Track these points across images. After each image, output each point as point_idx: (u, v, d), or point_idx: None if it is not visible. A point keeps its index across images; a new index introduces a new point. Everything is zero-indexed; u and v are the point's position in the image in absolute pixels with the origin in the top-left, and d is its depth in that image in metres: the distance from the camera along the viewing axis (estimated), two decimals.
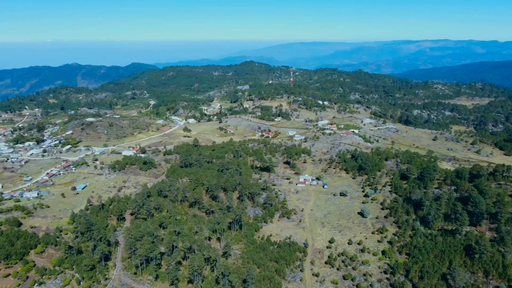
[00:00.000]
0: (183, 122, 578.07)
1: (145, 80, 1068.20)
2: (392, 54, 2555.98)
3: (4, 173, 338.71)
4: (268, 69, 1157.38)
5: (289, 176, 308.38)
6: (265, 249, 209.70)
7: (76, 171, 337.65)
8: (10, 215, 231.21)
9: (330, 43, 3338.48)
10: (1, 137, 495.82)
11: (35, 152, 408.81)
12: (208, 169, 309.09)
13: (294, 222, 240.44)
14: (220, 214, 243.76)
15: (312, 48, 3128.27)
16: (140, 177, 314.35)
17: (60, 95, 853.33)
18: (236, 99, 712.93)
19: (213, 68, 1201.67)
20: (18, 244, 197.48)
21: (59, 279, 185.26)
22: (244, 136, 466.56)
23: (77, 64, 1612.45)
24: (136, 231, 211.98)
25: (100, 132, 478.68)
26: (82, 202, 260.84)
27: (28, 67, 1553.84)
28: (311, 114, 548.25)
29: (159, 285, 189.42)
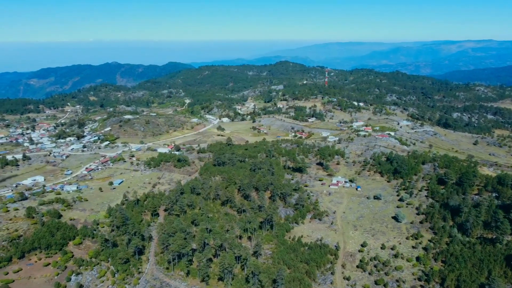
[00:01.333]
0: (217, 121, 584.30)
1: (181, 79, 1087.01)
2: (431, 54, 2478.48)
3: (46, 167, 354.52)
4: (303, 69, 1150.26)
5: (321, 177, 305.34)
6: (295, 250, 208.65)
7: (114, 167, 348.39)
8: (51, 207, 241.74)
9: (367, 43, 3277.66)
10: (45, 132, 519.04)
11: (76, 148, 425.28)
12: (241, 168, 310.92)
13: (325, 224, 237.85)
14: (251, 213, 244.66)
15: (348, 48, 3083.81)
16: (174, 174, 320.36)
17: (100, 93, 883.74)
18: (270, 99, 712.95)
19: (247, 68, 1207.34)
20: (58, 235, 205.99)
21: (95, 271, 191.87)
22: (277, 136, 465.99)
23: (116, 63, 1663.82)
24: (169, 227, 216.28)
25: (137, 129, 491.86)
26: (118, 197, 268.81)
27: (71, 66, 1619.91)
28: (345, 115, 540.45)
29: (190, 281, 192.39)
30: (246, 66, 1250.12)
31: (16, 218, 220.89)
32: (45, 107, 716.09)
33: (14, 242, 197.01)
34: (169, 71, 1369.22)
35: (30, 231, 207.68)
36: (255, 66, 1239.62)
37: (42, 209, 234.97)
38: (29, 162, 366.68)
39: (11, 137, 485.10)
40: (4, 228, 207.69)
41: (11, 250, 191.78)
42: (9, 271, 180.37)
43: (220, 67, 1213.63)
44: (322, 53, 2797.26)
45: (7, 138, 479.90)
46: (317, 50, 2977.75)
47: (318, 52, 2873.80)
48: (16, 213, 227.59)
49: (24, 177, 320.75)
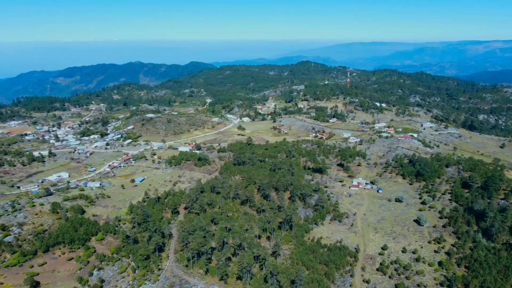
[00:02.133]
0: (238, 121, 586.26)
1: (203, 78, 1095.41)
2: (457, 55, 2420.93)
3: (71, 164, 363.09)
4: (325, 69, 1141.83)
5: (342, 178, 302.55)
6: (315, 251, 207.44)
7: (136, 164, 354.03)
8: (75, 202, 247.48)
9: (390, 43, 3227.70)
10: (70, 129, 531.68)
11: (99, 145, 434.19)
12: (261, 167, 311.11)
13: (345, 225, 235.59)
14: (270, 213, 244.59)
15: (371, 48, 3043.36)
16: (195, 173, 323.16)
17: (123, 92, 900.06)
18: (291, 99, 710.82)
19: (269, 68, 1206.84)
20: (81, 231, 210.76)
21: (116, 266, 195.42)
22: (297, 136, 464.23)
23: (139, 62, 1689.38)
24: (189, 225, 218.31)
25: (158, 127, 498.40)
26: (139, 194, 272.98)
27: (96, 65, 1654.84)
28: (367, 116, 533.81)
29: (209, 279, 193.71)
30: (268, 66, 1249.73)
31: (42, 213, 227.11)
32: (70, 105, 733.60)
33: (39, 236, 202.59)
34: (191, 71, 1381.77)
35: (55, 226, 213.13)
36: (277, 66, 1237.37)
37: (66, 205, 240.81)
38: (55, 158, 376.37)
39: (38, 134, 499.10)
40: (30, 223, 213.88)
41: (36, 244, 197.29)
42: (34, 264, 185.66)
43: (242, 66, 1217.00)
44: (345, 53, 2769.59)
45: (34, 135, 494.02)
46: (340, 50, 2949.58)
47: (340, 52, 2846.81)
48: (41, 208, 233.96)
49: (49, 173, 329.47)
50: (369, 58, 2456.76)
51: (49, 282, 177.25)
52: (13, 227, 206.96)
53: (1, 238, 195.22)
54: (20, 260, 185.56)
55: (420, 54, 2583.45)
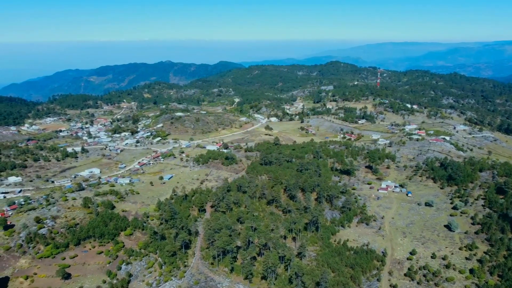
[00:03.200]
0: (265, 120, 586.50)
1: (231, 78, 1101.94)
2: (493, 55, 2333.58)
3: (102, 160, 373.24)
4: (354, 69, 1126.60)
5: (370, 181, 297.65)
6: (341, 254, 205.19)
7: (164, 162, 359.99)
8: (105, 198, 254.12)
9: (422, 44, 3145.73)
10: (102, 127, 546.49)
11: (130, 142, 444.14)
12: (288, 168, 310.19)
13: (373, 229, 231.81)
14: (297, 214, 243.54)
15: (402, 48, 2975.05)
16: (222, 172, 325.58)
17: (153, 90, 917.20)
18: (319, 100, 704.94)
19: (297, 68, 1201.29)
20: (111, 225, 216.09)
21: (144, 261, 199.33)
22: (325, 137, 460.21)
23: (170, 62, 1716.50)
24: (215, 223, 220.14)
25: (187, 126, 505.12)
26: (167, 191, 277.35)
27: (128, 64, 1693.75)
28: (397, 118, 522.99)
29: (234, 278, 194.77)
30: (296, 66, 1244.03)
31: (74, 207, 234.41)
32: (103, 103, 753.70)
33: (71, 230, 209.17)
34: (220, 70, 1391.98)
35: (86, 220, 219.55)
36: (305, 66, 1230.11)
37: (97, 200, 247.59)
38: (87, 155, 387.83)
39: (71, 131, 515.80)
40: (63, 216, 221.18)
41: (68, 237, 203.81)
42: (66, 257, 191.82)
43: (270, 66, 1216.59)
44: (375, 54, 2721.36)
45: (68, 132, 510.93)
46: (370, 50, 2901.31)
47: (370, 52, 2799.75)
48: (74, 202, 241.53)
49: (82, 168, 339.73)
50: (400, 59, 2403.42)
51: (80, 274, 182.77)
52: (47, 220, 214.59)
53: (36, 230, 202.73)
54: (53, 252, 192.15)
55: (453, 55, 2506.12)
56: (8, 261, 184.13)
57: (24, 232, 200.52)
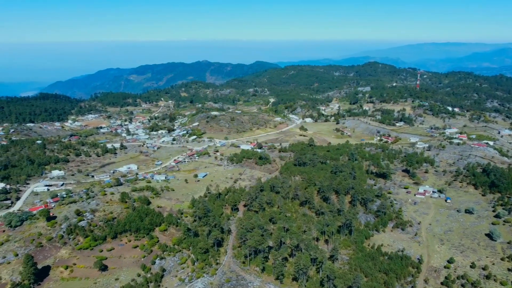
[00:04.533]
0: (300, 121, 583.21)
1: (267, 78, 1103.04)
2: None
3: (140, 157, 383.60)
4: (393, 70, 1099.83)
5: (407, 185, 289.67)
6: (374, 259, 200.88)
7: (199, 160, 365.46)
8: (142, 193, 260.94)
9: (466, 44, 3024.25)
10: (140, 124, 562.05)
11: (166, 140, 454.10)
12: (322, 169, 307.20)
13: (409, 234, 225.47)
14: (330, 216, 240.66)
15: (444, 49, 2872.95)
16: (255, 171, 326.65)
17: (190, 89, 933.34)
18: (356, 101, 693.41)
19: (334, 68, 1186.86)
20: (146, 221, 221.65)
21: (177, 257, 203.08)
22: (361, 139, 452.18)
23: (207, 61, 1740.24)
24: (248, 223, 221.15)
25: (222, 125, 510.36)
26: (202, 189, 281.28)
27: (166, 63, 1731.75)
28: (437, 121, 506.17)
29: (265, 278, 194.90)
30: (333, 67, 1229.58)
31: (112, 201, 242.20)
32: (141, 101, 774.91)
33: (109, 223, 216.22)
34: (256, 70, 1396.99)
35: (123, 214, 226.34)
36: (342, 67, 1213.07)
37: (134, 195, 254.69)
38: (125, 151, 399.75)
39: (111, 128, 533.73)
40: (101, 210, 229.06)
41: (106, 230, 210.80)
42: (104, 249, 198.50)
43: (306, 67, 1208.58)
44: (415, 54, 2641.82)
45: (108, 128, 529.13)
46: (410, 51, 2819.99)
47: (410, 53, 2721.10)
48: (112, 197, 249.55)
49: (120, 164, 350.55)
50: (442, 60, 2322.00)
51: (116, 266, 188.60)
52: (86, 213, 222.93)
53: (76, 222, 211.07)
54: (91, 244, 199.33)
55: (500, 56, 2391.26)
56: (50, 251, 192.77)
57: (65, 224, 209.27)
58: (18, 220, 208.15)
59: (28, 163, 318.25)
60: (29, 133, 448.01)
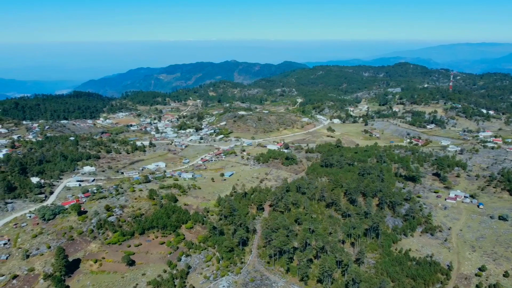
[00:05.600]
0: (328, 122, 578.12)
1: (295, 78, 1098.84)
2: None
3: (168, 154, 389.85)
4: (424, 71, 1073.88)
5: (437, 189, 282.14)
6: (402, 263, 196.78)
7: (226, 159, 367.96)
8: (169, 191, 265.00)
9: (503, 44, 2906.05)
10: (169, 123, 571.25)
11: (194, 139, 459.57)
12: (349, 171, 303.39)
13: (438, 240, 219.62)
14: (356, 219, 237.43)
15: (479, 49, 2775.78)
16: (281, 172, 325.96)
17: (218, 89, 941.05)
18: (385, 102, 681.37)
19: (363, 69, 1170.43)
20: (173, 218, 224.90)
21: (203, 255, 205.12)
22: (390, 141, 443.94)
23: (235, 61, 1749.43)
24: (273, 223, 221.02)
25: (249, 125, 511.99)
26: (228, 188, 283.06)
27: (195, 63, 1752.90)
28: (470, 124, 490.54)
29: (289, 279, 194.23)
30: (362, 67, 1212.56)
31: (140, 198, 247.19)
32: (170, 100, 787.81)
33: (137, 219, 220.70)
34: (284, 70, 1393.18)
35: (151, 211, 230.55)
36: (371, 67, 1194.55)
37: (161, 192, 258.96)
38: (154, 149, 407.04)
39: (141, 126, 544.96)
40: (130, 206, 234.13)
41: (134, 226, 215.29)
42: (131, 244, 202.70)
43: (335, 67, 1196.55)
44: (448, 55, 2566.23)
45: (138, 126, 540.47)
46: (442, 51, 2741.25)
47: (443, 53, 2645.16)
48: (140, 193, 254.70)
49: (149, 162, 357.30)
50: (476, 61, 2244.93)
51: (143, 262, 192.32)
52: (115, 208, 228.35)
53: (106, 217, 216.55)
54: (120, 239, 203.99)
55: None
56: (80, 244, 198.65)
57: (95, 218, 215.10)
58: (51, 213, 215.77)
59: (62, 159, 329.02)
60: (63, 130, 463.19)
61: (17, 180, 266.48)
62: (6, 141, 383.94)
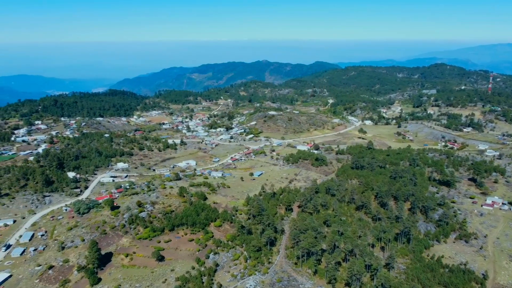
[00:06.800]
0: (359, 123, 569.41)
1: (326, 78, 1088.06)
2: None
3: (198, 153, 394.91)
4: (462, 73, 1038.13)
5: (473, 195, 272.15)
6: (434, 270, 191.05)
7: (255, 159, 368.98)
8: (199, 189, 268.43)
9: None
10: (200, 122, 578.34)
11: (224, 138, 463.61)
12: (380, 174, 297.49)
13: (473, 247, 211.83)
14: (387, 223, 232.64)
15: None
16: (311, 173, 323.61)
17: (249, 89, 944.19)
18: (420, 104, 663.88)
19: (397, 70, 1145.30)
20: (202, 216, 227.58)
21: (230, 253, 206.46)
22: (424, 144, 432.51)
23: (266, 61, 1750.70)
24: (301, 224, 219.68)
25: (279, 125, 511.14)
26: (257, 188, 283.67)
27: (227, 63, 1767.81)
28: (511, 128, 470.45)
29: (317, 281, 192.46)
30: (396, 68, 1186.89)
31: (171, 195, 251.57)
32: (202, 99, 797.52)
33: (167, 216, 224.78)
34: (315, 71, 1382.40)
35: (181, 208, 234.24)
36: (406, 68, 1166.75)
37: (191, 190, 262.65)
38: (185, 147, 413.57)
39: (173, 124, 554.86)
40: (160, 202, 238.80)
41: (164, 222, 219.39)
42: (161, 240, 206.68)
43: (367, 67, 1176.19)
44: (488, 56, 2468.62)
45: (170, 125, 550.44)
46: (482, 52, 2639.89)
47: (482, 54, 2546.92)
48: (171, 190, 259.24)
49: (179, 160, 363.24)
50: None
51: (172, 258, 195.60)
52: (147, 204, 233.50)
53: (137, 213, 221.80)
54: (150, 234, 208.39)
55: None
56: (112, 239, 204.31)
57: (127, 214, 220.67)
58: (85, 207, 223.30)
59: (97, 155, 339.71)
60: (98, 127, 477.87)
61: (54, 175, 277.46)
62: (45, 136, 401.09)
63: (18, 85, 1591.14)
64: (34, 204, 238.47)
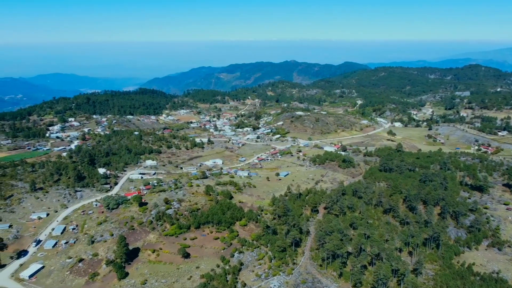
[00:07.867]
0: (388, 125, 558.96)
1: (355, 79, 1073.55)
2: None
3: (225, 152, 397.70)
4: (498, 74, 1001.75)
5: (508, 201, 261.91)
6: (464, 278, 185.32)
7: (281, 159, 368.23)
8: (225, 188, 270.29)
9: None
10: (227, 121, 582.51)
11: (251, 137, 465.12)
12: (409, 177, 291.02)
13: (506, 256, 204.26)
14: (415, 227, 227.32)
15: None
16: (338, 174, 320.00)
17: (277, 89, 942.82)
18: (452, 106, 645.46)
19: (429, 71, 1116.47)
20: (228, 214, 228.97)
21: (255, 253, 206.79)
22: (456, 147, 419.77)
23: (294, 61, 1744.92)
24: (327, 226, 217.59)
25: (306, 126, 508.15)
26: (282, 188, 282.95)
27: (255, 63, 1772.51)
28: None
29: (342, 284, 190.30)
30: (427, 69, 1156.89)
31: (197, 193, 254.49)
32: (229, 99, 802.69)
33: (193, 214, 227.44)
34: (344, 71, 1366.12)
35: (207, 206, 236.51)
36: (438, 69, 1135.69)
37: (218, 189, 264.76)
38: (212, 146, 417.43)
39: (201, 123, 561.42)
40: (187, 200, 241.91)
41: (190, 220, 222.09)
42: (187, 238, 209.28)
43: (398, 68, 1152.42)
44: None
45: (197, 123, 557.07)
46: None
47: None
48: (197, 188, 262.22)
49: (206, 158, 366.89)
50: None
51: (197, 255, 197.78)
52: (174, 202, 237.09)
53: (164, 210, 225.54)
54: (177, 232, 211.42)
55: None
56: (140, 234, 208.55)
57: (155, 210, 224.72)
58: (115, 203, 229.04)
59: (126, 152, 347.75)
60: (128, 125, 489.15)
61: (86, 170, 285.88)
62: (78, 133, 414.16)
63: (53, 83, 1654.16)
64: (66, 198, 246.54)
